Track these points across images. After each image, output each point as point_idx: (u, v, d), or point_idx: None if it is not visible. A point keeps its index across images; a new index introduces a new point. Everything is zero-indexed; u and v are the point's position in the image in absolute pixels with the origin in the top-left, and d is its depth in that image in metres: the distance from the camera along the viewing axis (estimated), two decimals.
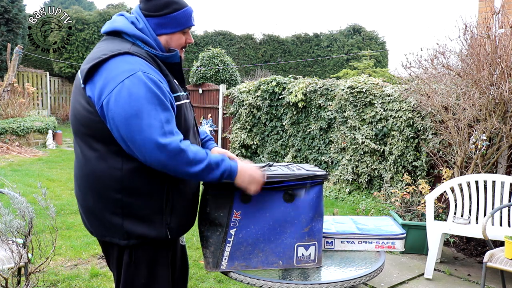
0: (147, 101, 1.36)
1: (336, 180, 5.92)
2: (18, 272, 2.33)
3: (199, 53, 12.59)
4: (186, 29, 1.59)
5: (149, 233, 1.51)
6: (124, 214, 1.49)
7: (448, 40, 4.02)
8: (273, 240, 1.66)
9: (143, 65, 1.42)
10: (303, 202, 1.66)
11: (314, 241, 1.70)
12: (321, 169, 1.75)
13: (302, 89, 6.43)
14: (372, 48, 18.01)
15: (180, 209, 1.57)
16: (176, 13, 1.55)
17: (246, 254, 1.66)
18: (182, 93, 1.59)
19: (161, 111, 1.38)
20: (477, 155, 3.79)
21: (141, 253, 1.56)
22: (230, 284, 3.07)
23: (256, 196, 1.61)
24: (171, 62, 1.57)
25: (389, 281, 3.23)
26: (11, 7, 12.19)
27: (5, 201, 2.84)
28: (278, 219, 1.65)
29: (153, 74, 1.43)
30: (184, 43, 1.62)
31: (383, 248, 2.01)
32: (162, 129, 1.35)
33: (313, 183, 1.67)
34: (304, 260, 1.70)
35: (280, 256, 1.68)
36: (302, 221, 1.67)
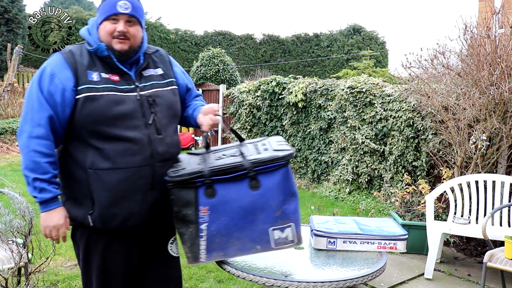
0: (31, 90, 1.60)
1: (336, 180, 5.92)
2: (18, 272, 2.33)
3: (199, 53, 12.58)
4: (111, 16, 1.61)
5: (77, 216, 1.64)
6: (66, 195, 1.67)
7: (448, 40, 4.01)
8: (247, 228, 1.63)
9: (51, 62, 1.62)
10: (270, 187, 1.60)
11: (289, 222, 1.65)
12: (287, 148, 1.66)
13: (302, 89, 6.43)
14: (372, 48, 18.02)
15: (101, 199, 1.59)
16: (103, 2, 1.63)
17: (222, 245, 1.64)
18: (103, 85, 1.60)
19: (33, 102, 1.57)
20: (477, 155, 3.79)
21: (78, 237, 1.70)
22: (230, 284, 3.07)
23: (221, 188, 1.60)
24: (101, 56, 1.63)
25: (389, 281, 3.23)
26: (11, 7, 12.19)
27: (5, 201, 2.84)
28: (247, 208, 1.61)
29: (52, 68, 1.59)
30: (112, 30, 1.61)
31: (385, 248, 2.01)
32: (25, 116, 1.59)
33: (275, 166, 1.60)
34: (282, 242, 1.66)
35: (257, 241, 1.65)
36: (272, 206, 1.62)
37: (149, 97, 1.67)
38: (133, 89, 1.65)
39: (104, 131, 1.58)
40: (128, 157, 1.59)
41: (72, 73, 1.58)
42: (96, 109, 1.56)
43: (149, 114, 1.65)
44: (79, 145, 1.61)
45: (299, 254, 2.04)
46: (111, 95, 1.59)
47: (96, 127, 1.57)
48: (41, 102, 1.56)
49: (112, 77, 1.63)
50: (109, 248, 1.67)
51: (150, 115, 1.66)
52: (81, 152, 1.60)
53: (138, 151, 1.61)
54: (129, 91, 1.64)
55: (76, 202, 1.63)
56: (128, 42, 1.64)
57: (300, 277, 1.73)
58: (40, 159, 1.55)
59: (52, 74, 1.57)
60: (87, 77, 1.59)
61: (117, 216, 1.61)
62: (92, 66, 1.61)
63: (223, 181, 1.59)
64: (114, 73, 1.64)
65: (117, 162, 1.57)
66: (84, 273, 1.72)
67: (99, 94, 1.58)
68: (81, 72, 1.59)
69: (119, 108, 1.59)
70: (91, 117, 1.56)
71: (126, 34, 1.62)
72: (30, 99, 1.58)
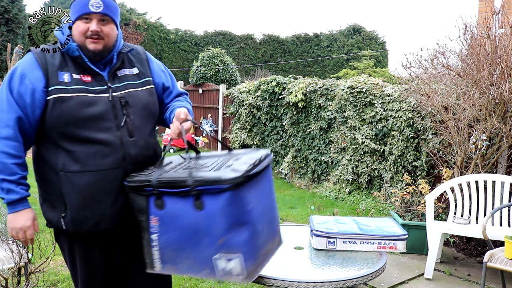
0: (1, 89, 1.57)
1: (336, 180, 5.92)
2: (18, 272, 2.33)
3: (199, 53, 12.59)
4: (84, 15, 1.58)
5: (52, 219, 1.63)
6: (42, 197, 1.66)
7: (448, 40, 4.01)
8: (194, 249, 1.49)
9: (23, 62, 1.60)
10: (213, 211, 1.42)
11: (235, 254, 1.44)
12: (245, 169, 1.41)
13: (302, 89, 6.43)
14: (372, 48, 18.02)
15: (73, 202, 1.57)
16: (75, 2, 1.61)
17: (173, 259, 1.54)
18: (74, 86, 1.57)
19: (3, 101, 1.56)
20: (477, 155, 3.79)
21: (62, 239, 1.71)
22: (230, 284, 3.07)
23: (169, 201, 1.50)
24: (72, 56, 1.60)
25: (389, 281, 3.23)
26: (11, 7, 12.19)
27: None
28: (191, 228, 1.47)
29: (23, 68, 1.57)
30: (85, 31, 1.58)
31: (385, 248, 2.01)
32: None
33: (218, 189, 1.39)
34: (227, 274, 1.46)
35: (204, 265, 1.48)
36: (215, 232, 1.43)
37: (122, 98, 1.63)
38: (105, 90, 1.61)
39: (74, 133, 1.55)
40: (99, 159, 1.56)
41: (42, 73, 1.55)
42: (66, 111, 1.54)
43: (121, 116, 1.62)
44: (50, 147, 1.59)
45: (299, 254, 2.04)
46: (82, 97, 1.56)
47: (66, 129, 1.55)
48: (11, 103, 1.54)
49: (83, 78, 1.60)
50: (90, 251, 1.66)
51: (123, 117, 1.62)
52: (53, 154, 1.58)
53: (109, 154, 1.58)
54: (101, 92, 1.60)
55: (51, 204, 1.62)
56: (102, 42, 1.61)
57: (300, 277, 1.73)
58: (7, 160, 1.54)
59: (23, 74, 1.55)
60: (58, 78, 1.56)
61: (88, 219, 1.59)
62: (64, 66, 1.59)
63: (171, 194, 1.48)
64: (86, 74, 1.61)
65: (88, 164, 1.55)
66: (71, 274, 1.75)
67: (69, 96, 1.55)
68: (51, 72, 1.56)
69: (90, 109, 1.56)
70: (61, 118, 1.54)
71: (100, 34, 1.59)
72: (0, 99, 1.56)
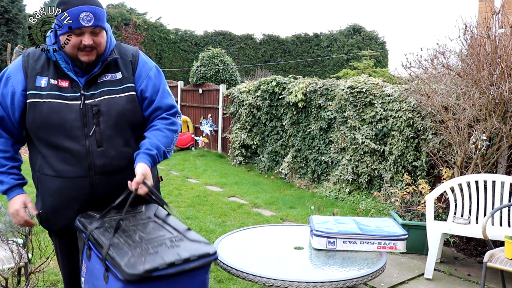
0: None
1: (336, 180, 5.92)
2: (18, 272, 2.33)
3: (199, 53, 12.58)
4: (75, 30, 1.53)
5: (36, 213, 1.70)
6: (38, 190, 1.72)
7: (448, 40, 4.01)
8: None
9: (13, 63, 1.65)
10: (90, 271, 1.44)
11: None
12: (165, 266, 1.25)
13: (302, 89, 6.42)
14: (372, 48, 18.02)
15: (46, 203, 1.66)
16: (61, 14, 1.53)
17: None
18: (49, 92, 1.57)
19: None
20: (477, 155, 3.79)
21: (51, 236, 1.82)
22: (230, 284, 3.07)
23: (94, 258, 1.44)
24: (53, 60, 1.61)
25: (389, 281, 3.23)
26: (11, 7, 12.19)
27: (5, 201, 2.84)
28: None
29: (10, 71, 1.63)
30: (77, 44, 1.55)
31: (385, 248, 2.01)
32: None
33: (116, 275, 1.27)
34: None
35: None
36: None
37: (95, 106, 1.58)
38: (77, 97, 1.59)
39: (46, 138, 1.59)
40: (67, 166, 1.58)
41: (24, 76, 1.60)
42: (38, 116, 1.57)
43: (92, 125, 1.58)
44: (32, 148, 1.68)
45: (299, 254, 2.04)
46: (54, 103, 1.57)
47: (40, 133, 1.59)
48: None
49: (60, 83, 1.59)
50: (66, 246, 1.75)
51: (93, 126, 1.58)
52: (34, 155, 1.66)
53: (76, 162, 1.58)
54: (74, 99, 1.58)
55: (37, 201, 1.71)
56: (95, 52, 1.59)
57: (300, 277, 1.73)
58: None
59: (8, 77, 1.61)
60: (35, 83, 1.59)
61: (57, 221, 1.67)
62: (44, 71, 1.61)
63: (96, 252, 1.42)
64: (66, 79, 1.60)
65: (58, 170, 1.59)
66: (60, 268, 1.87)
67: (42, 101, 1.57)
68: (30, 77, 1.60)
69: (59, 116, 1.56)
70: (34, 123, 1.58)
71: (92, 45, 1.57)
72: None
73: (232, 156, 8.14)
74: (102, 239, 1.39)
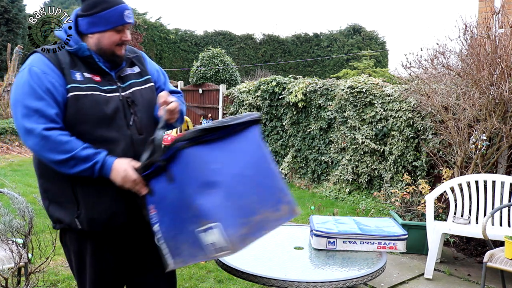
0: (22, 92, 1.54)
1: (336, 180, 5.92)
2: (18, 272, 2.33)
3: (199, 53, 12.58)
4: (118, 27, 1.61)
5: (64, 219, 1.62)
6: (48, 199, 1.66)
7: (448, 40, 4.01)
8: (183, 230, 1.39)
9: (34, 61, 1.59)
10: (181, 178, 1.38)
11: (210, 222, 1.30)
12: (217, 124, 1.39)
13: (302, 89, 6.43)
14: (372, 48, 18.03)
15: (87, 201, 1.59)
16: (105, 12, 1.59)
17: (176, 249, 1.44)
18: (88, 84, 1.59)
19: (32, 100, 1.52)
20: (477, 155, 3.79)
21: (68, 239, 1.70)
22: (230, 284, 3.07)
23: (155, 185, 1.48)
24: (82, 56, 1.62)
25: (389, 281, 3.23)
26: (11, 7, 12.20)
27: (5, 201, 2.84)
28: (174, 205, 1.43)
29: (41, 67, 1.57)
30: (118, 40, 1.63)
31: (385, 248, 2.01)
32: (29, 116, 1.52)
33: (174, 150, 1.38)
34: (212, 249, 1.32)
35: (197, 247, 1.36)
36: (188, 201, 1.35)
37: (128, 98, 1.66)
38: (115, 89, 1.64)
39: (88, 132, 1.57)
40: None
41: (58, 70, 1.57)
42: (82, 109, 1.55)
43: (129, 115, 1.65)
44: None
45: (299, 254, 2.04)
46: (96, 95, 1.58)
47: (83, 127, 1.56)
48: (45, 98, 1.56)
49: (94, 78, 1.62)
50: (100, 250, 1.67)
51: (131, 116, 1.65)
52: None
53: (121, 153, 1.59)
54: (112, 92, 1.63)
55: (60, 205, 1.63)
56: (125, 47, 1.68)
57: (300, 277, 1.73)
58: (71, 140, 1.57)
59: (44, 72, 1.55)
60: (71, 76, 1.58)
61: (102, 216, 1.60)
62: (74, 65, 1.60)
63: (151, 177, 1.47)
64: (95, 74, 1.63)
65: None
66: (77, 275, 1.72)
67: (84, 94, 1.57)
68: (66, 70, 1.58)
69: (104, 108, 1.58)
70: (77, 117, 1.56)
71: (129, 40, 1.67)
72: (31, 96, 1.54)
73: None
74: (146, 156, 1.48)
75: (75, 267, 1.72)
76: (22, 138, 1.55)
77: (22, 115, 1.52)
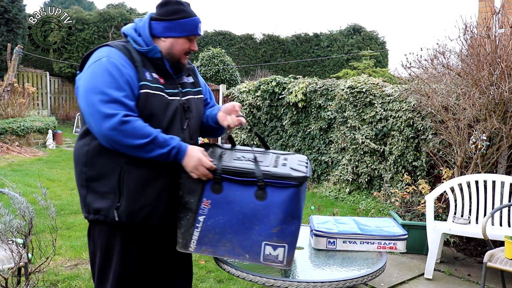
0: (103, 80, 1.56)
1: (336, 180, 5.92)
2: (18, 272, 2.33)
3: (199, 53, 12.58)
4: (191, 36, 1.73)
5: (102, 210, 1.65)
6: (88, 188, 1.67)
7: (448, 40, 4.02)
8: (241, 234, 1.64)
9: (112, 53, 1.63)
10: (275, 203, 1.61)
11: (283, 243, 1.63)
12: (305, 171, 1.65)
13: (302, 89, 6.42)
14: (372, 48, 18.02)
15: (130, 195, 1.62)
16: (184, 20, 1.70)
17: (213, 242, 1.66)
18: (155, 84, 1.66)
19: (113, 89, 1.56)
20: (477, 155, 3.79)
21: (97, 233, 1.71)
22: (230, 284, 3.07)
23: (228, 188, 1.63)
24: (152, 57, 1.69)
25: (389, 281, 3.23)
26: (11, 7, 12.18)
27: (5, 201, 2.84)
28: (247, 214, 1.62)
29: (119, 60, 1.62)
30: (187, 49, 1.74)
31: (385, 248, 2.01)
32: (109, 103, 1.54)
33: (286, 184, 1.60)
34: (271, 259, 1.64)
35: (247, 250, 1.65)
36: (271, 221, 1.61)
37: (185, 104, 1.76)
38: (177, 93, 1.74)
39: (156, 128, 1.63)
40: None
41: (133, 67, 1.63)
42: (149, 107, 1.63)
43: (184, 120, 1.74)
44: None
45: (299, 254, 2.04)
46: (162, 96, 1.67)
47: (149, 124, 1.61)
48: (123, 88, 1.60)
49: (159, 79, 1.70)
50: (129, 246, 1.70)
51: (185, 121, 1.74)
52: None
53: None
54: (173, 95, 1.72)
55: (100, 195, 1.65)
56: (189, 56, 1.81)
57: (300, 277, 1.73)
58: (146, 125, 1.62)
59: (122, 65, 1.60)
60: (144, 75, 1.65)
61: (142, 212, 1.64)
62: (144, 64, 1.67)
63: (233, 181, 1.62)
64: (161, 76, 1.71)
65: (154, 162, 1.61)
66: (100, 270, 1.72)
67: (153, 93, 1.64)
68: (140, 68, 1.65)
69: (166, 109, 1.67)
70: (143, 113, 1.61)
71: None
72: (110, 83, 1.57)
73: None
74: (245, 166, 1.63)
75: (98, 263, 1.72)
76: (97, 123, 1.54)
77: (101, 101, 1.54)
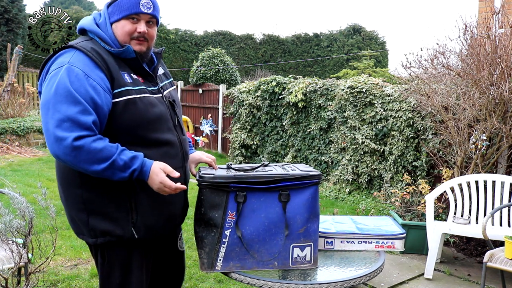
0: (58, 94, 1.36)
1: (336, 180, 5.92)
2: (18, 272, 2.33)
3: (199, 53, 12.58)
4: (132, 15, 1.49)
5: (114, 230, 1.49)
6: (88, 211, 1.49)
7: (448, 40, 4.01)
8: (268, 241, 1.66)
9: (75, 59, 1.41)
10: (298, 203, 1.65)
11: (309, 242, 1.69)
12: (316, 170, 1.74)
13: (302, 89, 6.42)
14: (372, 48, 18.01)
15: (145, 207, 1.51)
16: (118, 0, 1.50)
17: (241, 255, 1.65)
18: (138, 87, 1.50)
19: (68, 104, 1.35)
20: (477, 155, 3.79)
21: (114, 254, 1.56)
22: (230, 284, 3.07)
23: (251, 197, 1.62)
24: (126, 58, 1.51)
25: (389, 281, 3.23)
26: (11, 7, 12.20)
27: (5, 201, 2.84)
28: (273, 220, 1.64)
29: (83, 67, 1.40)
30: (131, 31, 1.50)
31: (383, 248, 2.01)
32: (62, 122, 1.34)
33: (307, 183, 1.66)
34: (299, 261, 1.69)
35: (275, 257, 1.67)
36: (297, 222, 1.66)
37: (169, 98, 1.64)
38: (158, 90, 1.59)
39: (145, 136, 1.49)
40: (168, 160, 1.52)
41: (103, 73, 1.43)
42: (137, 113, 1.46)
43: (174, 115, 1.62)
44: None
45: None
46: (147, 97, 1.51)
47: (138, 131, 1.48)
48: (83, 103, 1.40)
49: (139, 79, 1.54)
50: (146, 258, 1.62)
51: (175, 116, 1.63)
52: None
53: (174, 154, 1.57)
54: (156, 93, 1.57)
55: (106, 216, 1.49)
56: (146, 44, 1.55)
57: (297, 279, 1.73)
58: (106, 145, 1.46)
59: (85, 74, 1.40)
60: (123, 79, 1.47)
61: (160, 220, 1.56)
62: (120, 66, 1.49)
63: (256, 190, 1.63)
64: (138, 75, 1.55)
65: None
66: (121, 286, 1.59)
67: (137, 97, 1.48)
68: (114, 72, 1.45)
69: (155, 110, 1.52)
70: (132, 122, 1.46)
71: (145, 36, 1.52)
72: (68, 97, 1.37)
73: (232, 156, 8.14)
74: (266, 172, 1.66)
75: (118, 282, 1.58)
76: (51, 145, 1.37)
77: (53, 120, 1.35)
